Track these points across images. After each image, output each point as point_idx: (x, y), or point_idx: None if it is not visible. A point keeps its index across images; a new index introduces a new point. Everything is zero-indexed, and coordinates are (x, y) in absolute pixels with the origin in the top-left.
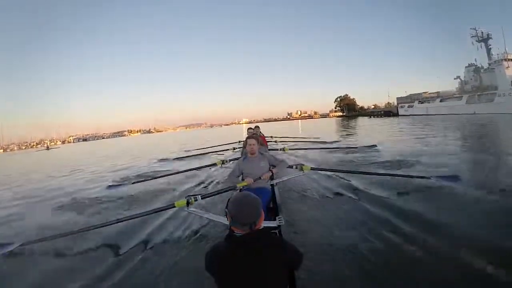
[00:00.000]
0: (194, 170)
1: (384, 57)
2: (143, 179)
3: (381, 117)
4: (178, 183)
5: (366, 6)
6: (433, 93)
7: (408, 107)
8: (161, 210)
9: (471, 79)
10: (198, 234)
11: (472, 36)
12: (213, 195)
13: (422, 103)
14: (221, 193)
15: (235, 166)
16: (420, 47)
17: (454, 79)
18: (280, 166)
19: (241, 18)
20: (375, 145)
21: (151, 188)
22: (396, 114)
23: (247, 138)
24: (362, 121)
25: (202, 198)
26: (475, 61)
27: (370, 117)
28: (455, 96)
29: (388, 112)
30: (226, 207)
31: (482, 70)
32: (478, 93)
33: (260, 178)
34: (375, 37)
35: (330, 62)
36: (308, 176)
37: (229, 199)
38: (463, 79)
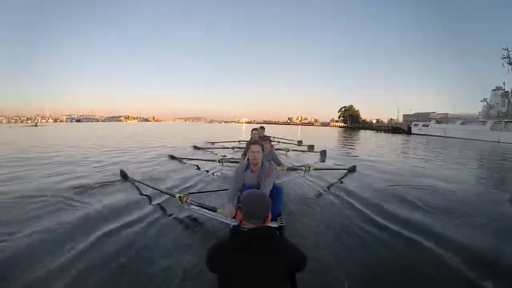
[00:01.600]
0: (193, 162)
1: (389, 73)
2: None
3: (389, 132)
4: (175, 174)
5: (368, 18)
6: (442, 113)
7: (422, 126)
8: (166, 193)
9: (497, 103)
10: (195, 231)
11: (504, 58)
12: (205, 208)
13: (439, 123)
14: (211, 210)
15: (239, 176)
16: (428, 65)
17: (481, 101)
18: (264, 186)
19: (242, 18)
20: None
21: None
22: (406, 132)
23: (251, 143)
24: (372, 136)
25: (197, 200)
26: (504, 84)
27: (377, 131)
28: (479, 120)
29: (397, 128)
30: (238, 202)
31: (511, 95)
32: (506, 120)
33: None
34: (379, 48)
35: (332, 74)
36: (309, 176)
37: (239, 196)
38: (489, 102)
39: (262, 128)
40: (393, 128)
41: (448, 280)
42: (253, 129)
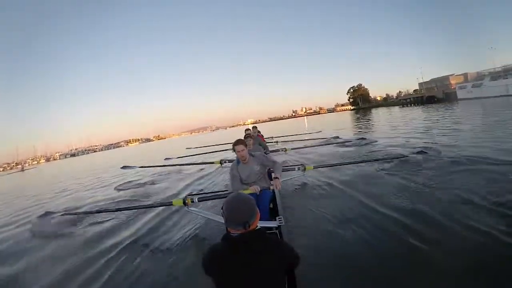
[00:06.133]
0: (194, 166)
1: (387, 44)
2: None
3: (418, 105)
4: (177, 179)
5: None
6: (460, 75)
7: (472, 87)
8: (159, 206)
9: None
10: (196, 233)
11: None
12: (212, 198)
13: (495, 79)
14: (221, 197)
15: (233, 172)
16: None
17: None
18: (276, 168)
19: (242, 18)
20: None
21: (152, 179)
22: (442, 100)
23: (234, 145)
24: (411, 113)
25: (199, 201)
26: None
27: (403, 106)
28: None
29: (431, 97)
30: (222, 208)
31: None
32: None
33: (268, 187)
34: (375, 26)
35: (331, 56)
36: (309, 175)
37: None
38: None
39: (255, 127)
40: (427, 98)
41: None
42: (246, 129)
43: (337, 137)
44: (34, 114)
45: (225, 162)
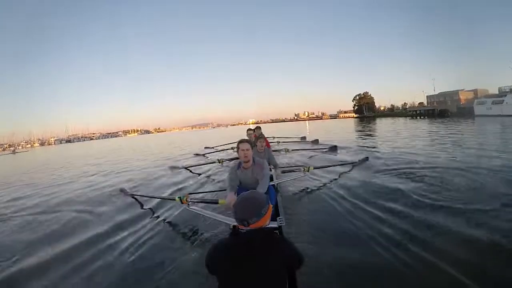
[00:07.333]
0: (195, 166)
1: (395, 56)
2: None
3: (426, 117)
4: (177, 176)
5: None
6: (470, 90)
7: (493, 103)
8: (165, 199)
9: None
10: (196, 231)
11: None
12: (207, 202)
13: None
14: (213, 203)
15: (231, 175)
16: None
17: None
18: (261, 184)
19: (248, 18)
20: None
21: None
22: (457, 114)
23: (239, 142)
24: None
25: (190, 206)
26: None
27: (412, 117)
28: None
29: (444, 111)
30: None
31: None
32: None
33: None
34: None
35: (334, 63)
36: (309, 175)
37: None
38: None
39: (258, 128)
40: (440, 111)
41: None
42: (248, 130)
43: (317, 140)
44: (33, 116)
45: (225, 161)
